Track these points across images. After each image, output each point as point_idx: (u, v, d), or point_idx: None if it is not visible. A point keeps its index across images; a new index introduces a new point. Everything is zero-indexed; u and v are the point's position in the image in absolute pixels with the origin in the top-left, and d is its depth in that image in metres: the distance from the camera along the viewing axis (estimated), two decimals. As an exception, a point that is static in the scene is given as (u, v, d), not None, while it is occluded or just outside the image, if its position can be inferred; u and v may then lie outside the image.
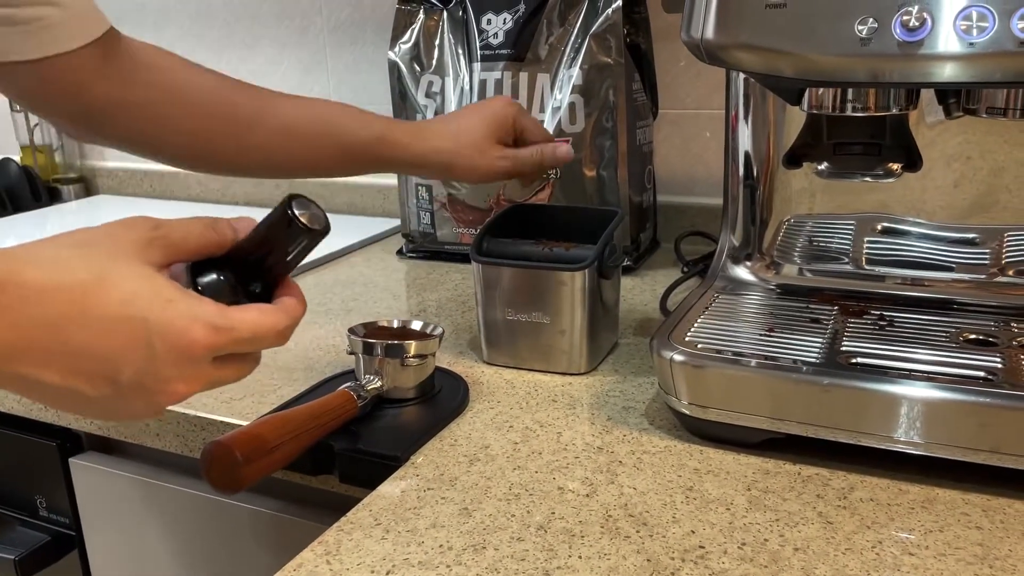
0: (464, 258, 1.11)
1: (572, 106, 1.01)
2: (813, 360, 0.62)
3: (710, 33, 0.58)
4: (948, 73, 0.52)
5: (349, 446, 0.63)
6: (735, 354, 0.63)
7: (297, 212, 0.45)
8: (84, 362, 0.38)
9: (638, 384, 0.74)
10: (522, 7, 1.03)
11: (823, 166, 0.69)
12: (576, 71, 1.01)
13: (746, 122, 0.77)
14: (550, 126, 1.02)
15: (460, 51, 1.07)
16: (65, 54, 0.64)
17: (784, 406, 0.60)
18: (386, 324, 0.72)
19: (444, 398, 0.71)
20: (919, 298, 0.72)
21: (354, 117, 0.77)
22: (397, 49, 1.10)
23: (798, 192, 0.77)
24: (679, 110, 1.16)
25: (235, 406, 0.73)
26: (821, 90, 0.61)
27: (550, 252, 0.77)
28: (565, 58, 1.02)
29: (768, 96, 0.75)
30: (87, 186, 1.65)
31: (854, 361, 0.62)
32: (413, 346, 0.68)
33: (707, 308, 0.72)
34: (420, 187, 1.12)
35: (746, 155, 0.78)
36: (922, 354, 0.62)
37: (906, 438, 0.57)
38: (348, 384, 0.67)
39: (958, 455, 0.56)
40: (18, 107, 1.57)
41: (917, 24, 0.51)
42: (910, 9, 0.51)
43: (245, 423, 0.69)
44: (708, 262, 0.92)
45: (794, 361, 0.62)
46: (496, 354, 0.79)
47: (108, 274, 0.39)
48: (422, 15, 1.09)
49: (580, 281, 0.74)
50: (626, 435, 0.66)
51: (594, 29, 1.00)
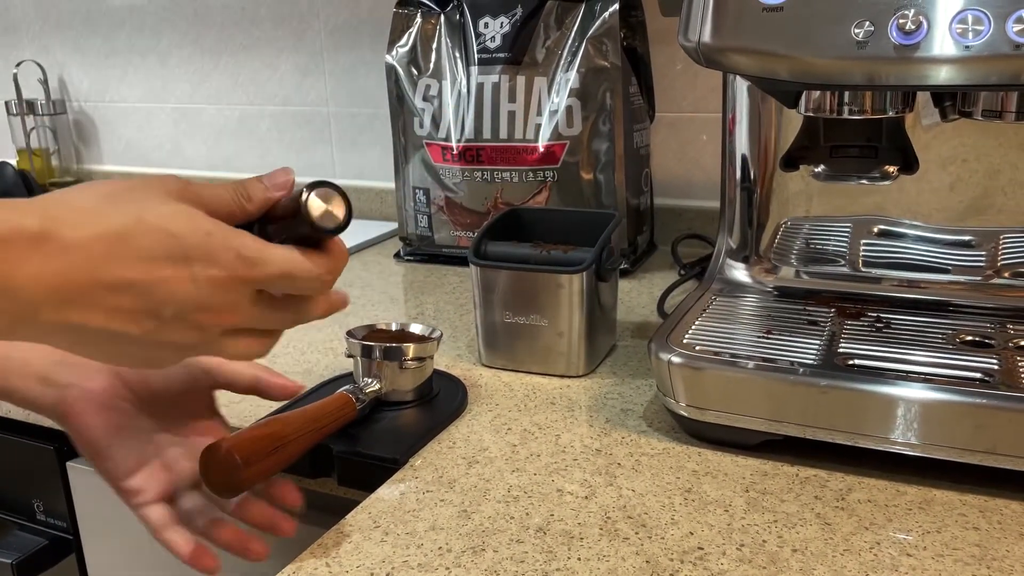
0: (461, 261, 1.12)
1: (569, 109, 1.01)
2: (810, 362, 0.62)
3: (707, 36, 0.58)
4: (944, 76, 0.53)
5: (348, 449, 0.63)
6: (733, 356, 0.64)
7: (311, 206, 0.43)
8: (127, 299, 0.38)
9: (636, 386, 0.75)
10: (519, 11, 1.04)
11: (820, 169, 0.69)
12: (573, 74, 1.01)
13: (743, 125, 0.77)
14: (547, 129, 1.02)
15: (457, 55, 1.07)
16: None
17: (782, 408, 0.60)
18: (384, 327, 0.73)
19: (442, 401, 0.71)
20: (916, 300, 0.73)
21: None
22: (394, 53, 1.10)
23: (795, 195, 0.77)
24: (676, 113, 1.16)
25: (234, 408, 0.73)
26: (818, 93, 0.61)
27: (548, 255, 0.77)
28: (562, 62, 1.02)
29: (765, 99, 0.75)
30: (84, 190, 1.64)
31: (851, 363, 0.62)
32: (411, 349, 0.68)
33: (705, 310, 0.73)
34: (418, 190, 1.12)
35: (743, 158, 0.78)
36: (919, 356, 0.62)
37: (903, 439, 0.57)
38: (346, 387, 0.66)
39: (955, 456, 0.56)
40: (14, 111, 1.57)
41: (913, 27, 0.51)
42: (906, 12, 0.52)
43: (244, 426, 0.69)
44: (705, 265, 0.92)
45: (792, 363, 0.62)
46: (494, 357, 0.79)
47: (145, 214, 0.39)
48: (419, 19, 1.09)
49: (578, 284, 0.74)
50: (624, 437, 0.66)
51: (591, 33, 1.00)
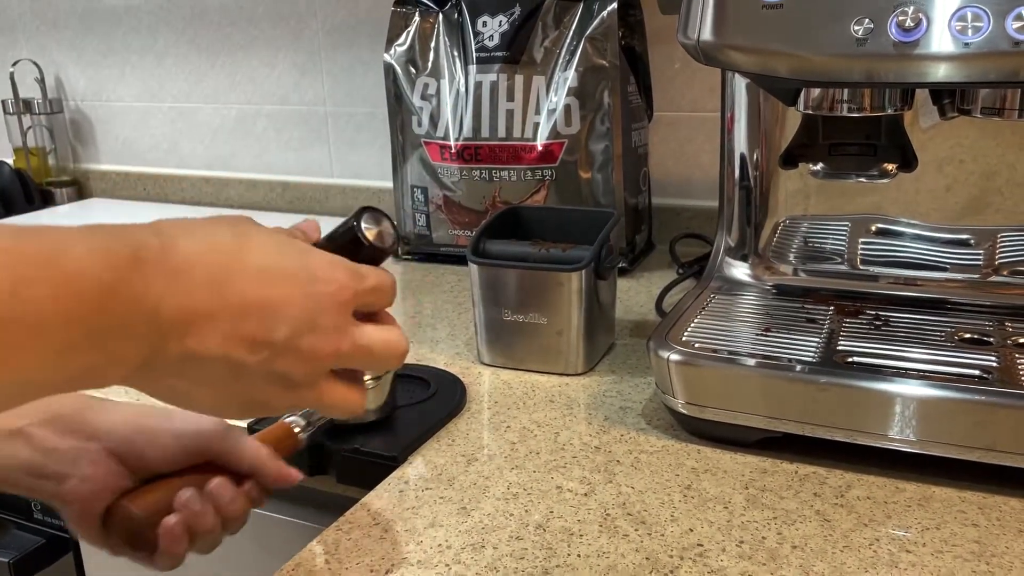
0: (459, 260, 1.11)
1: (567, 108, 1.01)
2: (810, 359, 0.62)
3: (706, 34, 0.58)
4: (943, 73, 0.53)
5: (347, 446, 0.63)
6: (732, 354, 0.64)
7: (364, 228, 0.44)
8: (245, 321, 0.37)
9: (635, 384, 0.75)
10: (517, 10, 1.04)
11: (818, 167, 0.69)
12: (571, 73, 1.01)
13: (741, 124, 0.77)
14: (545, 128, 1.02)
15: (456, 53, 1.07)
16: None
17: (781, 405, 0.60)
18: None
19: (441, 398, 0.71)
20: (914, 298, 0.73)
21: None
22: (392, 51, 1.10)
23: (793, 193, 0.77)
24: (674, 112, 1.16)
25: (232, 407, 0.72)
26: (817, 90, 0.61)
27: (547, 253, 0.77)
28: (560, 60, 1.02)
29: (764, 98, 0.75)
30: (80, 189, 1.64)
31: (850, 360, 0.62)
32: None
33: (703, 308, 0.73)
34: (416, 189, 1.12)
35: (742, 157, 0.78)
36: (918, 353, 0.62)
37: (902, 436, 0.57)
38: (290, 415, 0.57)
39: (954, 453, 0.56)
40: (11, 110, 1.57)
41: (912, 24, 0.52)
42: (906, 9, 0.52)
43: (241, 425, 0.69)
44: (703, 264, 0.92)
45: (791, 360, 0.62)
46: (493, 355, 0.79)
47: (251, 234, 0.40)
48: (417, 18, 1.09)
49: (577, 282, 0.74)
50: (623, 435, 0.66)
51: (589, 32, 1.00)
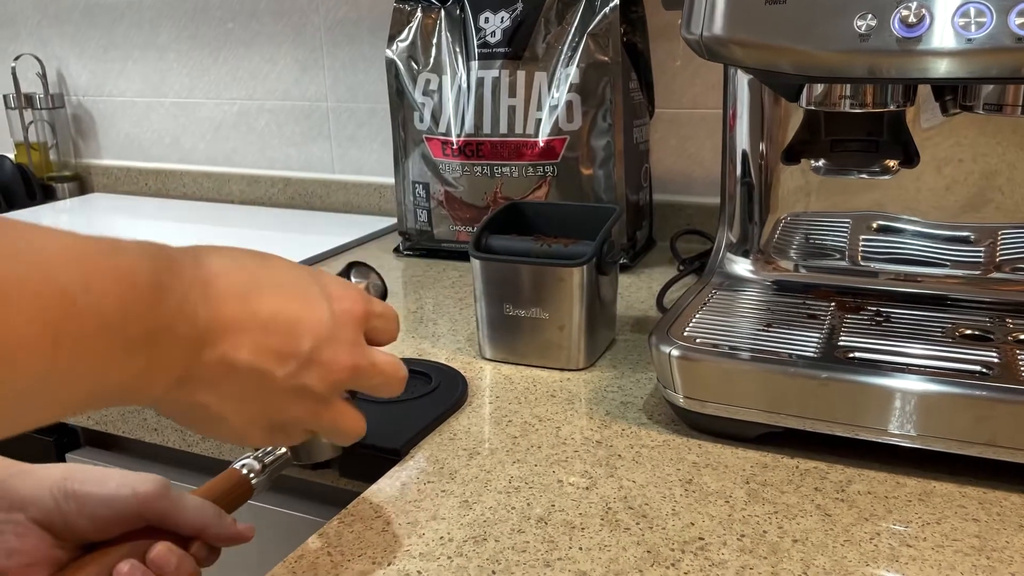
0: (461, 256, 1.12)
1: (569, 104, 1.01)
2: (810, 355, 0.62)
3: (710, 29, 0.58)
4: (946, 69, 0.53)
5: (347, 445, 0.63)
6: (733, 349, 0.64)
7: (354, 280, 0.49)
8: (271, 334, 0.38)
9: (636, 380, 0.75)
10: (520, 6, 1.04)
11: (820, 163, 0.70)
12: (573, 70, 1.01)
13: (744, 120, 0.78)
14: (547, 124, 1.02)
15: (458, 49, 1.07)
16: None
17: (782, 400, 0.60)
18: None
19: (443, 393, 0.71)
20: (915, 294, 0.73)
21: None
22: (394, 47, 1.10)
23: (795, 190, 0.78)
24: (675, 109, 1.16)
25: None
26: (819, 86, 0.62)
27: (549, 248, 0.77)
28: (562, 57, 1.02)
29: (766, 94, 0.75)
30: (82, 184, 1.64)
31: (851, 356, 0.62)
32: None
33: (705, 304, 0.73)
34: (417, 185, 1.12)
35: (743, 153, 0.79)
36: (919, 349, 0.62)
37: (903, 432, 0.57)
38: (244, 458, 0.54)
39: (955, 448, 0.56)
40: (12, 104, 1.57)
41: (916, 20, 0.52)
42: (909, 5, 0.52)
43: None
44: (704, 260, 0.92)
45: (792, 356, 0.62)
46: (495, 350, 0.79)
47: (271, 256, 0.42)
48: (419, 13, 1.09)
49: (579, 277, 0.74)
50: (625, 429, 0.66)
51: (591, 28, 1.00)
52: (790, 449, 0.62)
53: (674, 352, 0.63)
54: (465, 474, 0.60)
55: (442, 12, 1.08)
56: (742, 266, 0.79)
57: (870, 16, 0.53)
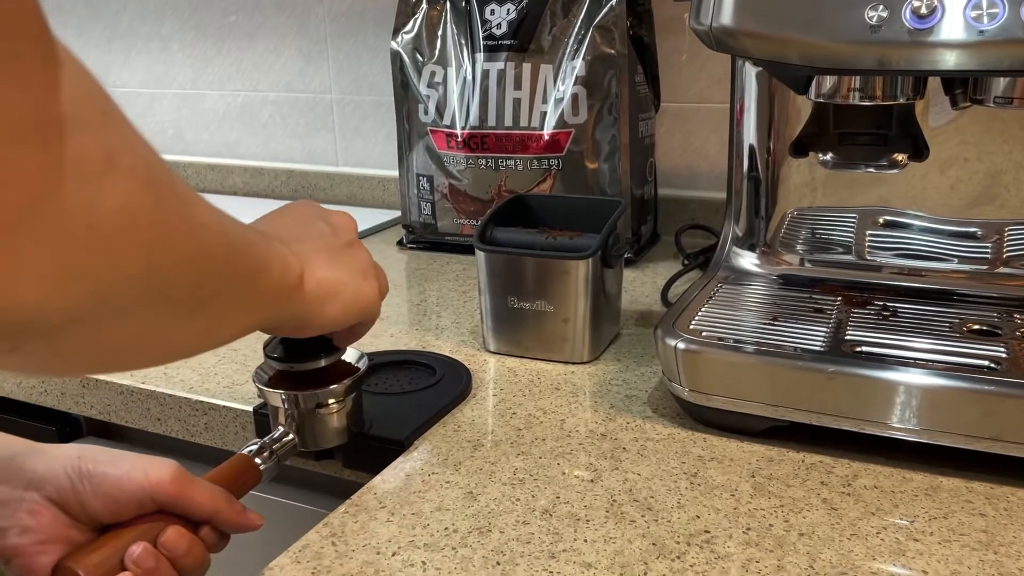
0: (464, 249, 1.11)
1: (575, 97, 1.01)
2: (817, 348, 0.62)
3: (719, 20, 0.58)
4: (957, 61, 0.52)
5: (352, 431, 0.63)
6: (739, 342, 0.63)
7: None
8: (317, 232, 0.52)
9: (640, 373, 0.75)
10: (526, -2, 1.03)
11: (828, 156, 0.69)
12: (579, 62, 1.01)
13: (751, 114, 0.77)
14: (553, 118, 1.02)
15: (463, 41, 1.07)
16: None
17: (788, 394, 0.60)
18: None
19: (447, 385, 0.71)
20: (922, 289, 0.73)
21: None
22: (400, 39, 1.10)
23: (802, 184, 0.77)
24: (680, 103, 1.16)
25: (237, 391, 0.72)
26: (828, 79, 0.61)
27: (554, 241, 0.77)
28: (568, 49, 1.02)
29: (774, 88, 0.75)
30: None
31: (858, 350, 0.62)
32: (332, 390, 0.57)
33: (711, 298, 0.73)
34: (421, 178, 1.12)
35: (750, 147, 0.78)
36: (926, 343, 0.62)
37: (910, 426, 0.57)
38: (251, 444, 0.55)
39: (962, 443, 0.56)
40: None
41: (927, 12, 0.51)
42: (921, -4, 0.52)
43: (247, 408, 0.69)
44: (709, 255, 0.92)
45: (798, 349, 0.62)
46: (499, 343, 0.79)
47: (290, 212, 0.56)
48: (425, 5, 1.09)
49: (584, 269, 0.74)
50: (629, 423, 0.66)
51: (598, 20, 1.00)
52: (796, 443, 0.62)
53: (680, 345, 0.63)
54: (469, 465, 0.60)
55: (447, 4, 1.08)
56: (748, 260, 0.79)
57: (881, 7, 0.52)
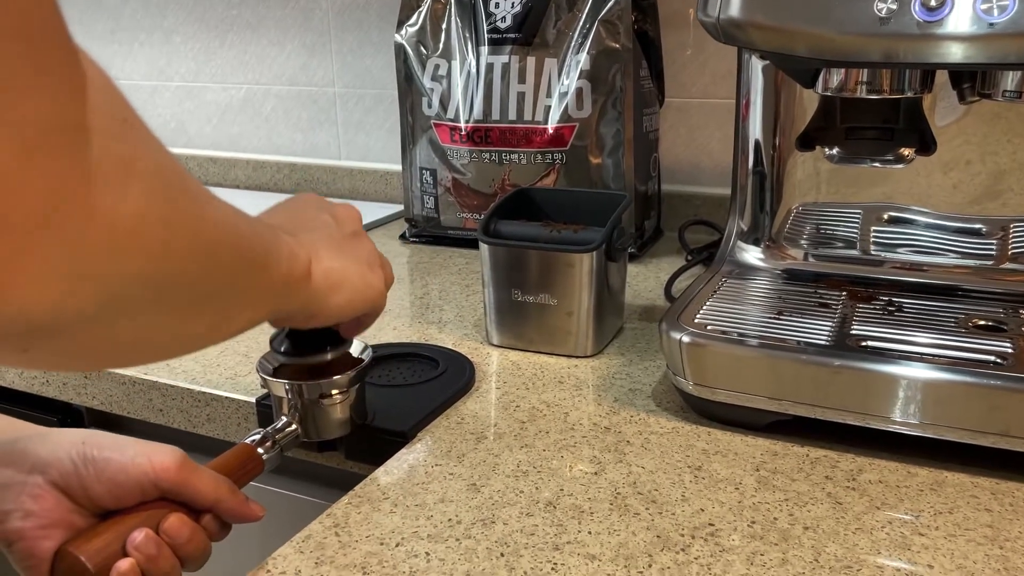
0: (467, 243, 1.11)
1: (579, 91, 1.01)
2: (822, 343, 0.62)
3: (727, 11, 0.57)
4: (966, 54, 0.52)
5: (356, 422, 0.63)
6: (743, 336, 0.63)
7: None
8: (322, 224, 0.52)
9: (644, 367, 0.74)
10: (530, -9, 1.03)
11: (834, 151, 0.69)
12: (584, 56, 1.00)
13: (757, 108, 0.77)
14: (557, 112, 1.02)
15: (467, 34, 1.06)
16: None
17: (793, 388, 0.60)
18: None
19: (450, 378, 0.71)
20: (927, 285, 0.72)
21: None
22: (404, 32, 1.10)
23: (807, 179, 0.77)
24: (684, 99, 1.15)
25: (239, 382, 0.72)
26: (835, 72, 0.61)
27: (558, 234, 0.77)
28: (573, 43, 1.01)
29: (780, 82, 0.74)
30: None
31: (864, 344, 0.61)
32: (335, 381, 0.57)
33: (715, 292, 0.72)
34: (424, 171, 1.11)
35: (756, 142, 0.78)
36: (932, 338, 0.62)
37: (915, 420, 0.57)
38: (254, 434, 0.56)
39: (967, 438, 0.56)
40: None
41: (937, 4, 0.51)
42: (931, -12, 0.51)
43: (250, 399, 0.69)
44: (712, 251, 0.91)
45: (803, 343, 0.62)
46: (502, 336, 0.78)
47: (295, 203, 0.56)
48: (429, -2, 1.08)
49: (588, 263, 0.73)
50: (633, 416, 0.66)
51: (603, 14, 0.99)
52: (800, 437, 0.61)
53: (684, 338, 0.63)
54: (473, 458, 0.60)
55: (452, -3, 1.07)
56: (753, 255, 0.79)
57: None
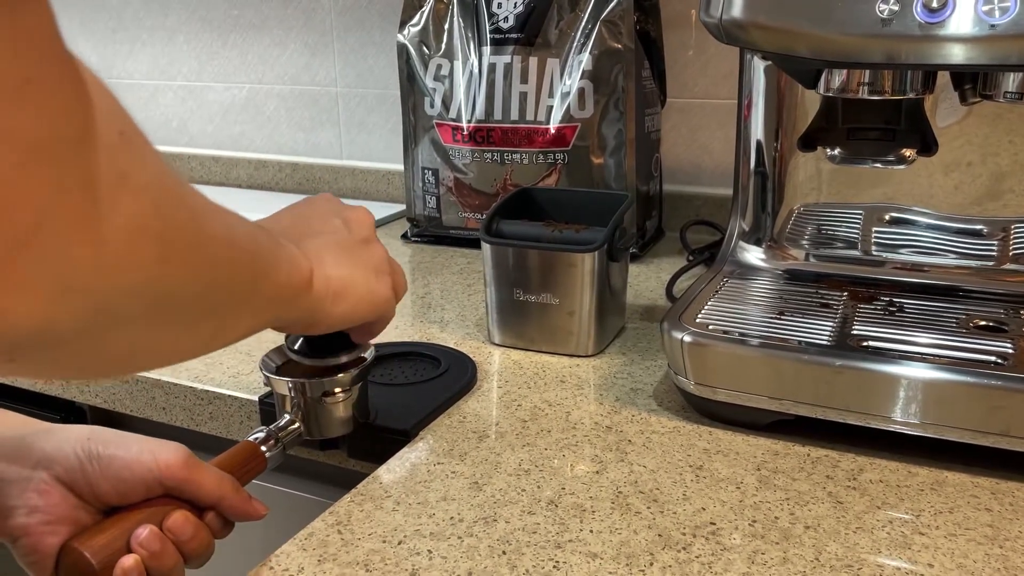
0: (469, 243, 1.11)
1: (581, 92, 1.01)
2: (824, 343, 0.62)
3: (730, 12, 0.58)
4: (967, 55, 0.52)
5: (358, 421, 0.63)
6: (745, 335, 0.63)
7: None
8: (333, 229, 0.51)
9: (646, 367, 0.74)
10: (533, -8, 1.03)
11: (836, 151, 0.69)
12: (586, 56, 1.00)
13: (759, 109, 0.77)
14: (559, 112, 1.02)
15: (470, 34, 1.07)
16: None
17: (794, 387, 0.60)
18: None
19: (452, 377, 0.71)
20: (928, 285, 0.72)
21: None
22: (406, 32, 1.10)
23: (808, 180, 0.77)
24: (686, 99, 1.16)
25: (242, 380, 0.72)
26: (837, 73, 0.61)
27: (560, 234, 0.77)
28: (575, 43, 1.01)
29: (782, 83, 0.75)
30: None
31: (865, 344, 0.62)
32: (338, 379, 0.57)
33: (716, 292, 0.72)
34: (426, 171, 1.11)
35: (758, 142, 0.78)
36: (933, 339, 0.62)
37: (916, 420, 0.57)
38: (257, 432, 0.56)
39: (968, 438, 0.56)
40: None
41: (939, 5, 0.51)
42: (933, -11, 0.52)
43: (252, 397, 0.69)
44: (714, 251, 0.92)
45: (805, 343, 0.62)
46: (504, 335, 0.79)
47: (305, 208, 0.55)
48: (432, -2, 1.09)
49: (590, 263, 0.74)
50: (634, 415, 0.66)
51: (605, 15, 0.99)
52: (801, 437, 0.62)
53: (686, 338, 0.63)
54: (475, 456, 0.60)
55: (454, -3, 1.08)
56: (754, 255, 0.79)
57: (892, 0, 0.52)
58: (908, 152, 0.67)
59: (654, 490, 0.56)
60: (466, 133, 1.06)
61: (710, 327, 0.65)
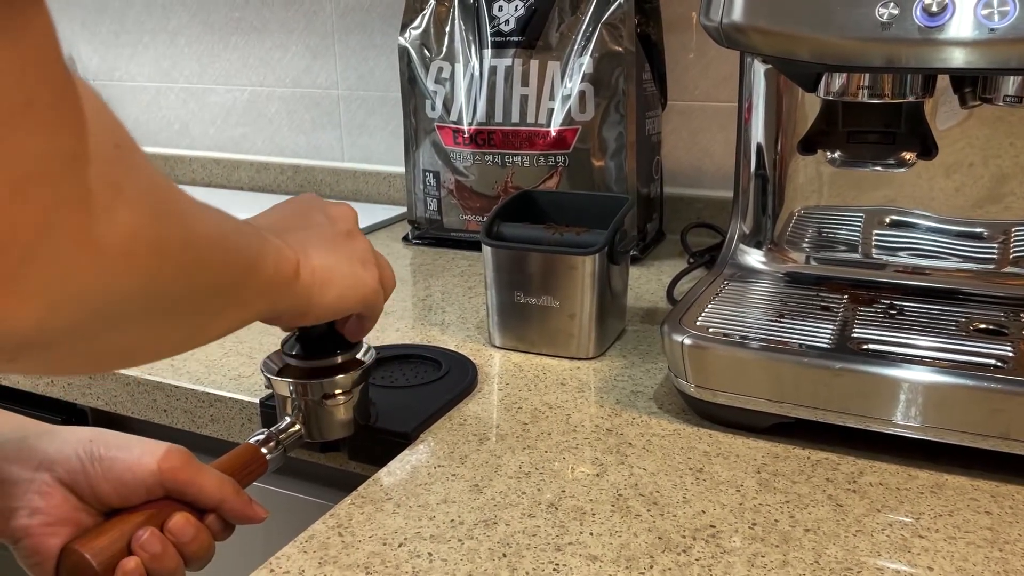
0: (470, 245, 1.11)
1: (582, 94, 1.01)
2: (824, 346, 0.62)
3: (729, 16, 0.58)
4: (967, 59, 0.52)
5: (359, 423, 0.63)
6: (745, 338, 0.64)
7: None
8: (316, 223, 0.52)
9: (646, 369, 0.75)
10: (534, -5, 1.03)
11: (836, 154, 0.69)
12: (587, 59, 1.01)
13: (759, 112, 0.77)
14: (560, 114, 1.02)
15: (471, 37, 1.07)
16: None
17: (794, 390, 0.60)
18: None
19: (452, 379, 0.71)
20: (928, 288, 0.73)
21: None
22: (407, 35, 1.10)
23: (809, 183, 0.77)
24: (687, 102, 1.16)
25: (243, 383, 0.73)
26: (837, 76, 0.61)
27: (561, 237, 0.77)
28: (576, 46, 1.02)
29: (782, 86, 0.75)
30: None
31: (865, 347, 0.62)
32: (339, 381, 0.57)
33: (717, 295, 0.73)
34: (428, 173, 1.12)
35: (758, 145, 0.78)
36: (933, 342, 0.62)
37: (916, 423, 0.57)
38: (258, 434, 0.56)
39: (968, 441, 0.56)
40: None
41: (938, 9, 0.51)
42: (932, -7, 0.52)
43: (253, 400, 0.69)
44: (714, 253, 0.92)
45: (805, 346, 0.62)
46: (505, 338, 0.79)
47: (292, 207, 0.56)
48: (433, 1, 1.09)
49: (591, 265, 0.74)
50: (635, 418, 0.66)
51: (606, 17, 1.00)
52: (801, 440, 0.62)
53: (686, 341, 0.63)
54: (475, 459, 0.60)
55: (456, 0, 1.08)
56: (755, 258, 0.79)
57: (892, 4, 0.53)
58: (908, 155, 0.67)
59: (654, 493, 0.56)
60: (467, 136, 1.06)
61: (710, 330, 0.65)
